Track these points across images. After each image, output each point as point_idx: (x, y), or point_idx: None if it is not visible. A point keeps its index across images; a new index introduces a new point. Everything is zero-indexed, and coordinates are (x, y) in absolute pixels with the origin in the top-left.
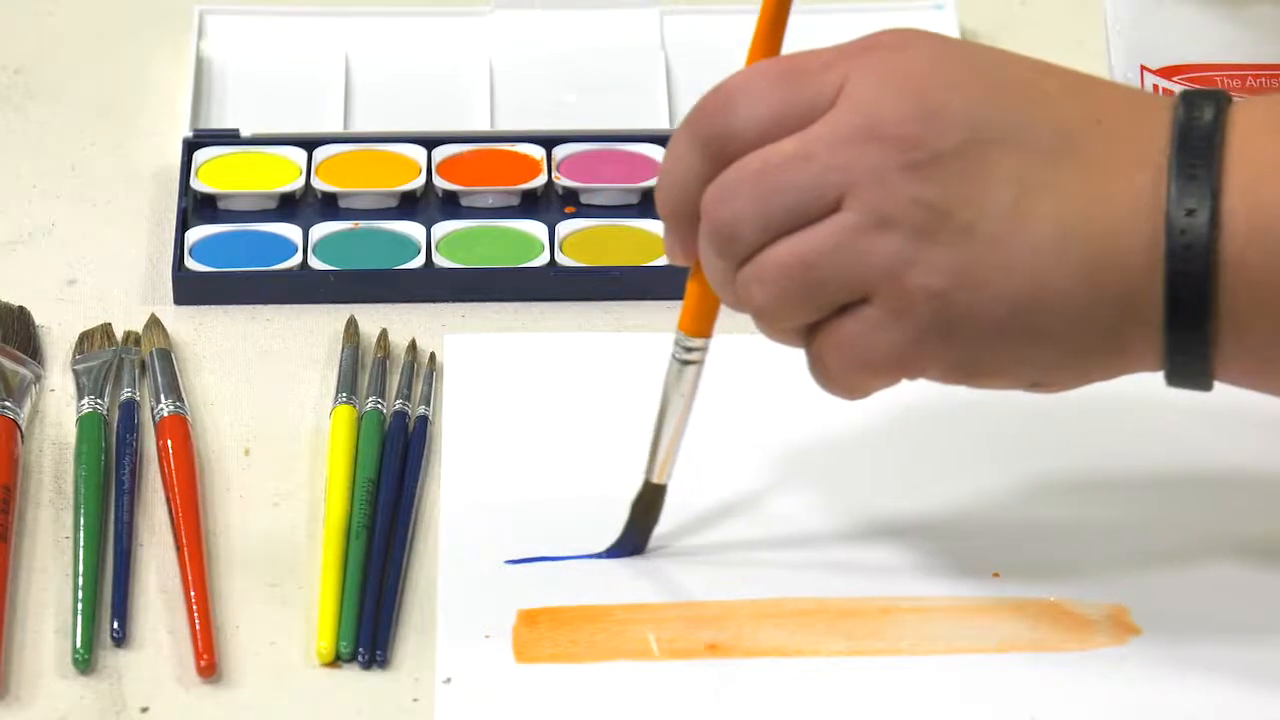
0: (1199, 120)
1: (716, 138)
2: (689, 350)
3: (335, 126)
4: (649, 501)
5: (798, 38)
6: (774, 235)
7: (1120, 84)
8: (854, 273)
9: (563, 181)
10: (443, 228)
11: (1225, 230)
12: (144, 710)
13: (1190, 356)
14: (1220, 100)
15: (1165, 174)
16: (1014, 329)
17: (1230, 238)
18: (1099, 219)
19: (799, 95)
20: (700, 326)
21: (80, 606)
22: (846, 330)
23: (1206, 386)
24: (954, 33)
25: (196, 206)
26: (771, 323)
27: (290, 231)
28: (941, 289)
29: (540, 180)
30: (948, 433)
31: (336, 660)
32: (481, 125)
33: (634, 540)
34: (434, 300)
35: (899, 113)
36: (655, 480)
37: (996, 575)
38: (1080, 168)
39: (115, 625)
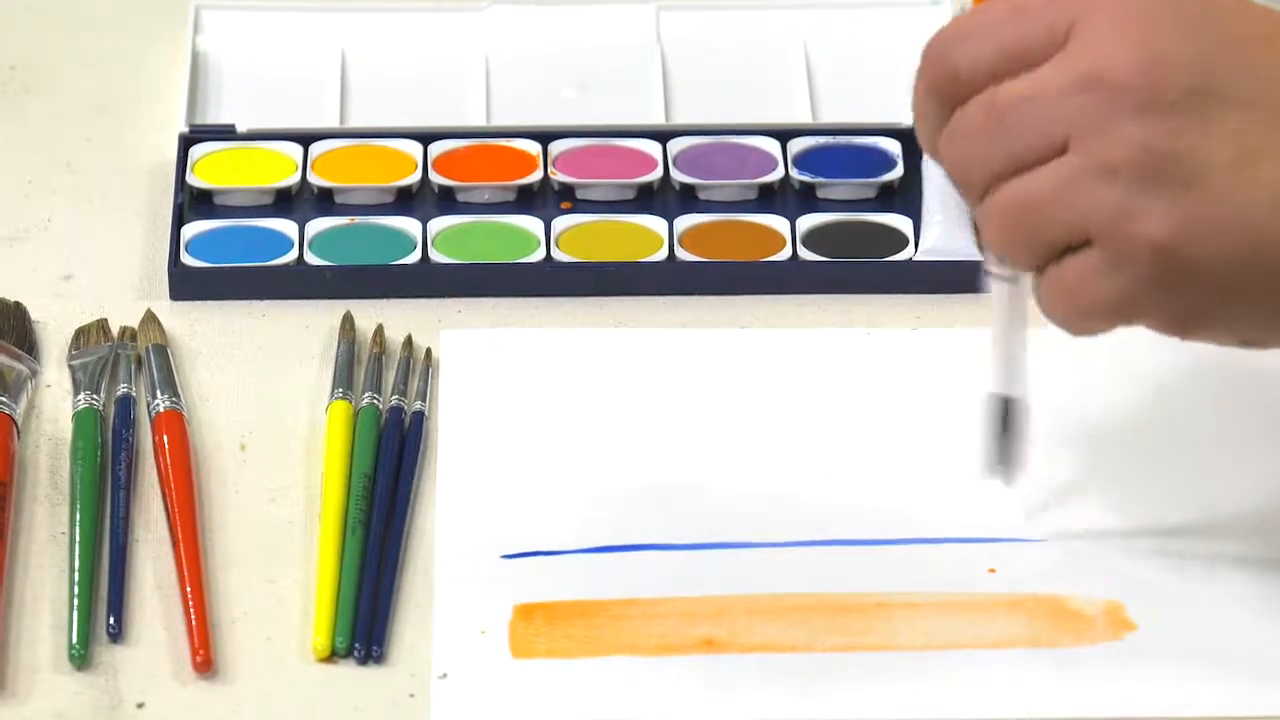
0: None
1: (946, 78)
2: (995, 264)
3: (331, 122)
4: (1012, 417)
5: (788, 33)
6: (1003, 175)
7: None
8: (1075, 217)
9: (559, 177)
10: (439, 223)
11: None
12: (140, 705)
13: None
14: None
15: None
16: (1232, 284)
17: None
18: None
19: (1025, 32)
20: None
21: (76, 602)
22: (1069, 274)
23: None
24: None
25: (192, 202)
26: (1004, 255)
27: (286, 227)
28: (1162, 240)
29: (536, 176)
30: (945, 430)
31: (332, 655)
32: (478, 121)
33: (1010, 457)
34: (430, 296)
35: (1126, 59)
36: (1011, 394)
37: (992, 571)
38: None
39: (111, 621)
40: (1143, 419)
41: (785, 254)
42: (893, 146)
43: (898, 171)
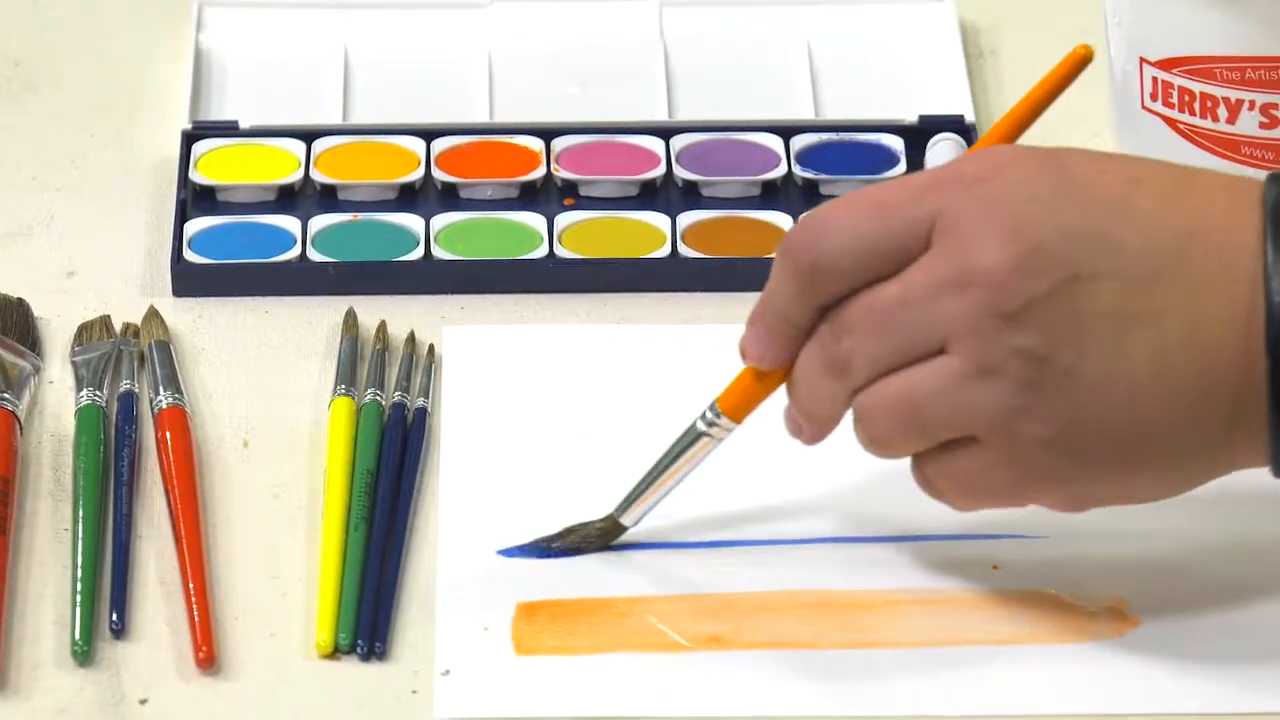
0: None
1: (808, 270)
2: (715, 425)
3: (334, 118)
4: (606, 535)
5: (791, 30)
6: (885, 371)
7: (1216, 175)
8: (960, 417)
9: (562, 173)
10: (441, 219)
11: None
12: (143, 702)
13: None
14: None
15: (1260, 278)
16: (1122, 461)
17: None
18: (1198, 340)
19: (888, 230)
20: (738, 413)
21: (79, 598)
22: (958, 465)
23: None
24: (953, 29)
25: (195, 198)
26: (882, 450)
27: (289, 223)
28: (1047, 437)
29: (539, 172)
30: None
31: (335, 652)
32: (480, 117)
33: (565, 549)
34: (433, 292)
35: (991, 259)
36: (625, 523)
37: (996, 568)
38: (1176, 290)
39: (114, 617)
40: None
41: None
42: (895, 143)
43: (901, 168)
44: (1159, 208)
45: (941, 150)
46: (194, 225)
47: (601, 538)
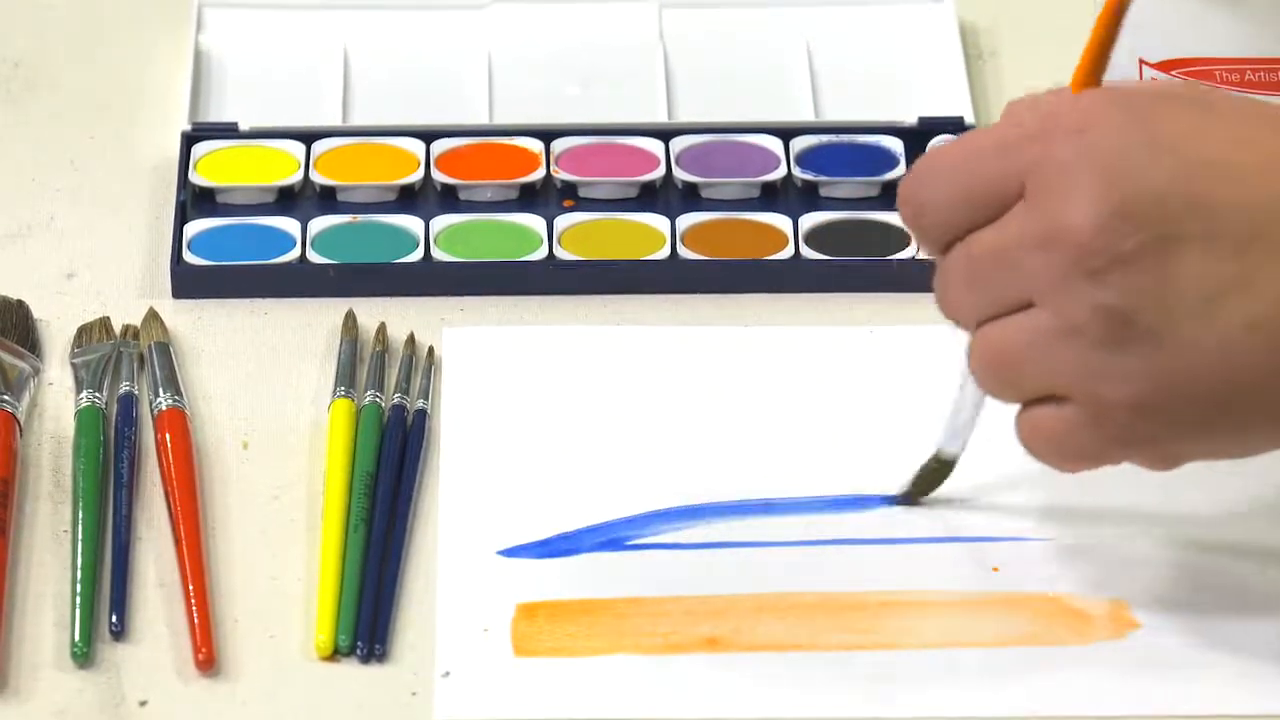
0: None
1: (914, 216)
2: None
3: (334, 120)
4: (937, 472)
5: (790, 31)
6: (986, 318)
7: None
8: (1048, 374)
9: (561, 175)
10: (441, 221)
11: None
12: (143, 703)
13: None
14: None
15: None
16: (1209, 426)
17: None
18: None
19: (985, 179)
20: None
21: (79, 600)
22: (1047, 423)
23: None
24: (953, 29)
25: (195, 200)
26: (991, 395)
27: (289, 225)
28: (1134, 399)
29: (539, 174)
30: None
31: (335, 654)
32: (480, 119)
33: (918, 495)
34: (433, 294)
35: (1081, 215)
36: (950, 454)
37: (996, 570)
38: (1268, 256)
39: (114, 618)
40: None
41: (787, 252)
42: (895, 145)
43: (900, 170)
44: (1260, 167)
45: None
46: (194, 227)
47: (935, 481)
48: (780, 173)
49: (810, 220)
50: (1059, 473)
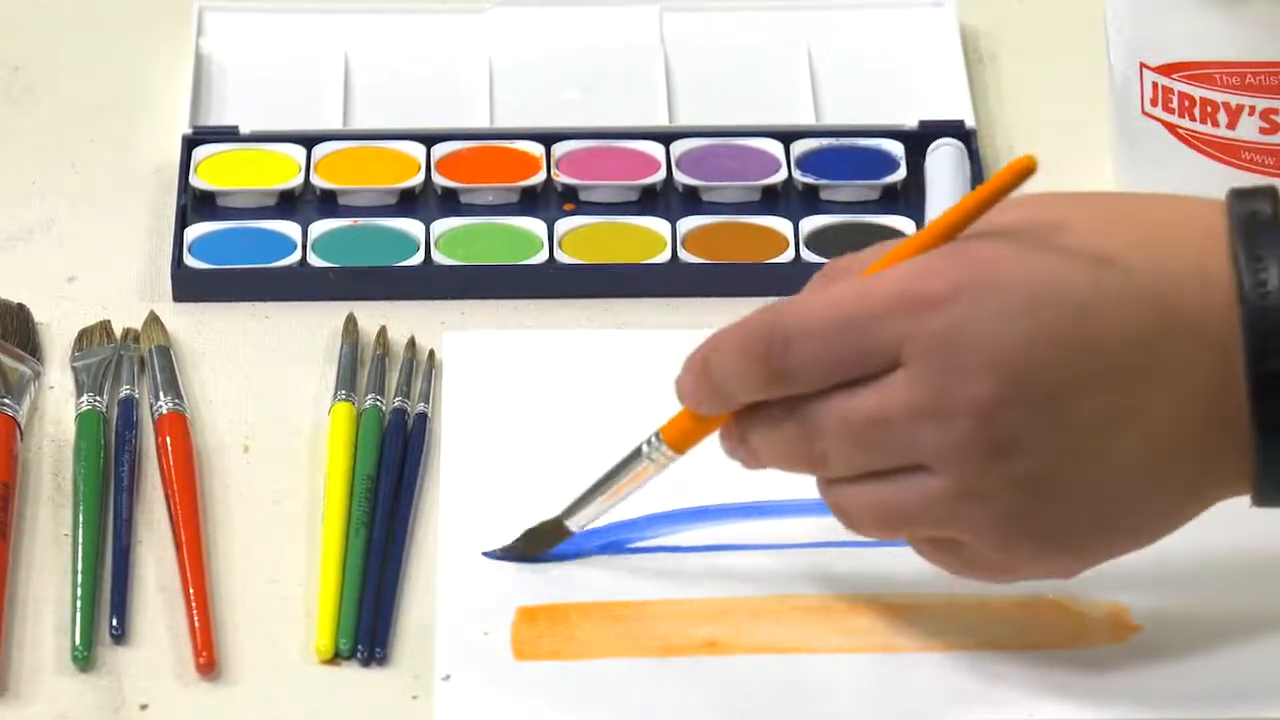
0: (1261, 274)
1: (773, 372)
2: (659, 453)
3: (334, 124)
4: (551, 536)
5: (791, 35)
6: (862, 475)
7: (1185, 204)
8: (950, 528)
9: (562, 179)
10: (442, 225)
11: None
12: (143, 707)
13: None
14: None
15: (1237, 342)
16: (1117, 544)
17: None
18: (1187, 424)
19: (855, 349)
20: (682, 446)
21: (79, 604)
22: (950, 556)
23: None
24: (954, 33)
25: (196, 203)
26: (859, 533)
27: (289, 228)
28: (1044, 541)
29: (539, 177)
30: None
31: (336, 657)
32: (481, 122)
33: (516, 556)
34: (433, 297)
35: (974, 390)
36: (570, 525)
37: None
38: (1159, 381)
39: (114, 622)
40: None
41: (788, 256)
42: (896, 148)
43: (901, 173)
44: (1128, 290)
45: (942, 155)
46: (194, 230)
47: (544, 542)
48: (781, 176)
49: (811, 223)
50: None
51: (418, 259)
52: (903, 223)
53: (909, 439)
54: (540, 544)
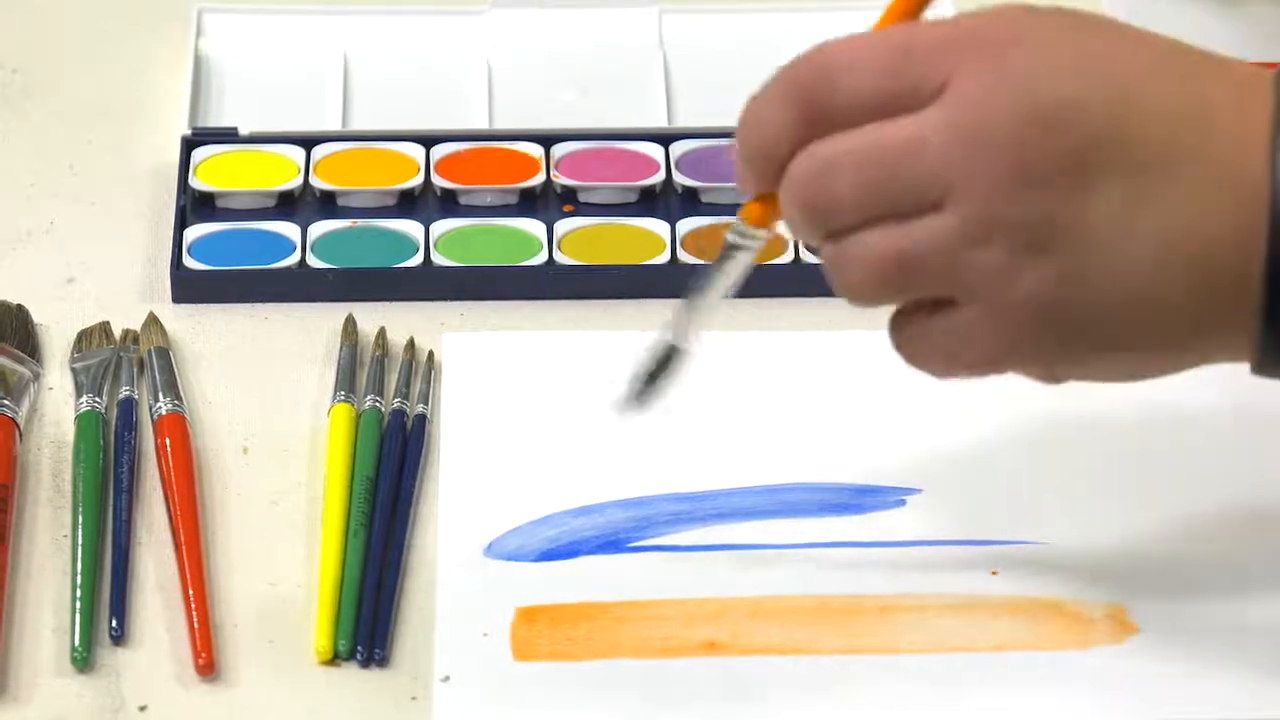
0: None
1: (816, 105)
2: (746, 237)
3: (334, 125)
4: (670, 363)
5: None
6: (873, 220)
7: (1234, 64)
8: (953, 277)
9: (561, 180)
10: (441, 226)
11: None
12: (142, 708)
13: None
14: None
15: (1267, 175)
16: (1114, 337)
17: None
18: (1201, 232)
19: (904, 78)
20: (763, 220)
21: (79, 605)
22: (941, 326)
23: None
24: None
25: (195, 205)
26: (859, 300)
27: (289, 230)
28: (1039, 303)
29: (538, 179)
30: (945, 431)
31: (335, 658)
32: (480, 124)
33: (647, 396)
34: (432, 299)
35: (1009, 123)
36: (681, 345)
37: (995, 574)
38: (1182, 186)
39: (114, 623)
40: (1145, 420)
41: (787, 257)
42: None
43: None
44: (1178, 94)
45: None
46: (193, 231)
47: (664, 372)
48: None
49: None
50: (1056, 473)
51: (417, 260)
52: None
53: (940, 165)
54: (665, 377)
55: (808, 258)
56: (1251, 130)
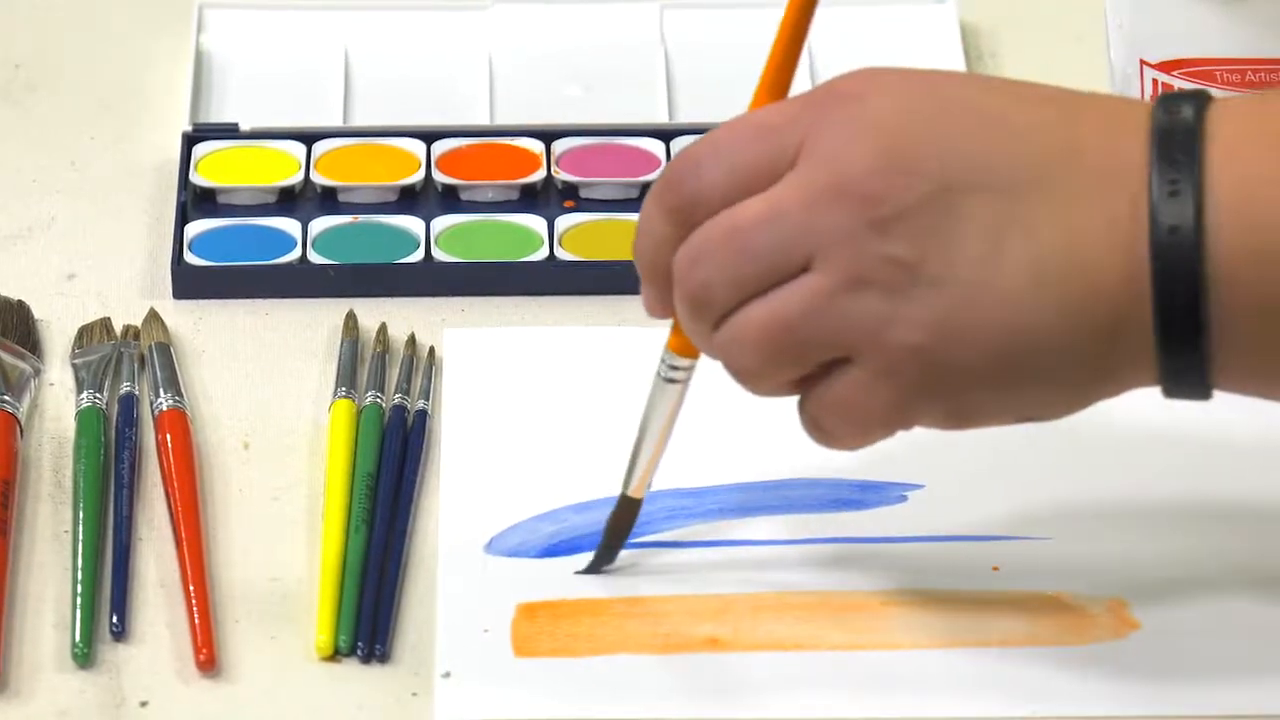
0: (1179, 122)
1: (684, 203)
2: (675, 369)
3: (335, 121)
4: (624, 515)
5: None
6: (747, 297)
7: (1103, 97)
8: (833, 333)
9: (562, 176)
10: (442, 222)
11: (1212, 248)
12: (143, 704)
13: (1186, 374)
14: (1199, 101)
15: (1145, 195)
16: (1001, 374)
17: (1218, 255)
18: (1076, 254)
19: (762, 151)
20: (688, 347)
21: (79, 601)
22: (835, 392)
23: (1205, 397)
24: (954, 31)
25: (196, 200)
26: (756, 383)
27: (289, 225)
28: (922, 344)
29: (540, 174)
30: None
31: (336, 654)
32: (481, 119)
33: (609, 553)
34: (433, 294)
35: (863, 168)
36: (632, 495)
37: (996, 569)
38: (1053, 204)
39: (114, 619)
40: (1146, 417)
41: None
42: None
43: None
44: (1041, 126)
45: None
46: (194, 227)
47: (623, 523)
48: None
49: None
50: (1058, 469)
51: (418, 256)
52: None
53: (799, 228)
54: (621, 532)
55: None
56: (1124, 147)
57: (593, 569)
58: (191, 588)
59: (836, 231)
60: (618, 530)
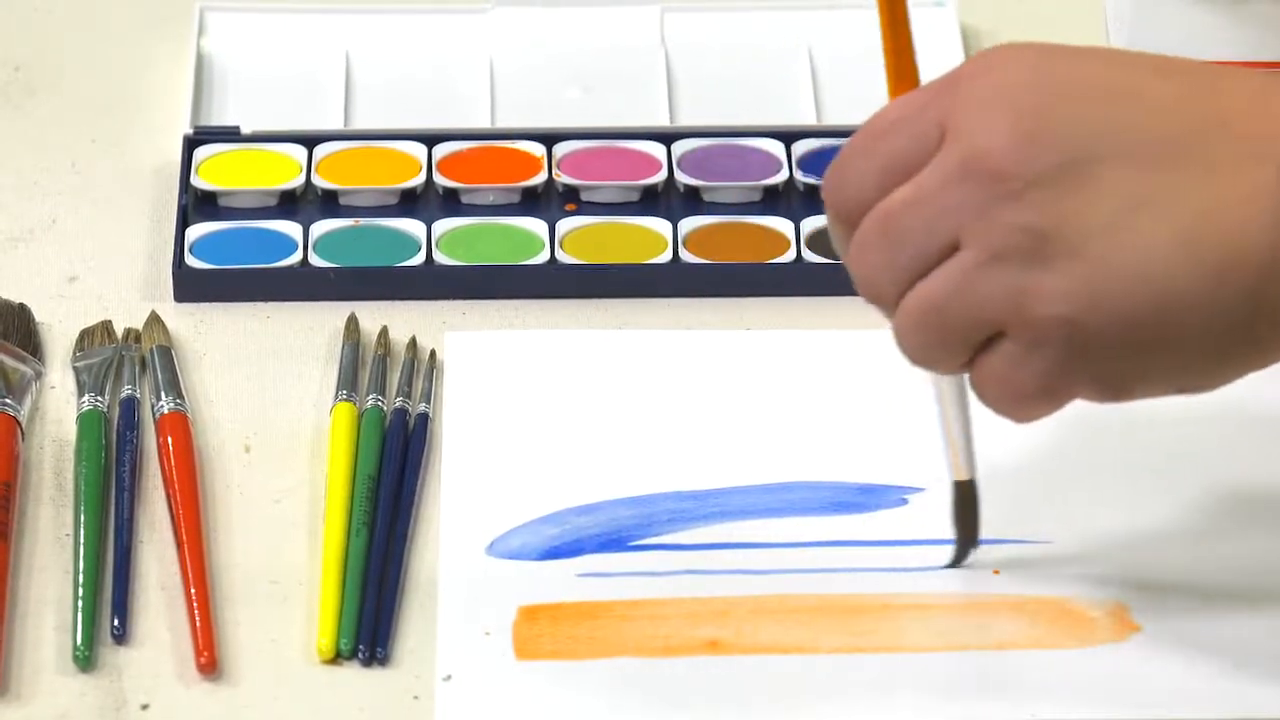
0: None
1: (845, 210)
2: None
3: (336, 124)
4: (966, 500)
5: (792, 35)
6: (909, 283)
7: (1245, 71)
8: (979, 309)
9: (563, 179)
10: (443, 225)
11: None
12: (144, 707)
13: None
14: None
15: None
16: (1146, 341)
17: None
18: (1219, 222)
19: (902, 144)
20: None
21: (80, 604)
22: (992, 366)
23: None
24: (954, 30)
25: (197, 203)
26: (930, 366)
27: (291, 229)
28: (1065, 314)
29: (541, 178)
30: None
31: (337, 657)
32: (482, 122)
33: (967, 544)
34: (435, 298)
35: (995, 141)
36: (959, 478)
37: (996, 573)
38: (1196, 173)
39: (115, 622)
40: (1147, 419)
41: (789, 256)
42: None
43: None
44: (1182, 96)
45: None
46: (195, 230)
47: (968, 507)
48: (782, 176)
49: (812, 224)
50: (1058, 472)
51: (419, 259)
52: None
53: (940, 210)
54: (970, 519)
55: (810, 256)
56: (1272, 118)
57: (955, 562)
58: (192, 590)
59: (972, 206)
60: (966, 517)
